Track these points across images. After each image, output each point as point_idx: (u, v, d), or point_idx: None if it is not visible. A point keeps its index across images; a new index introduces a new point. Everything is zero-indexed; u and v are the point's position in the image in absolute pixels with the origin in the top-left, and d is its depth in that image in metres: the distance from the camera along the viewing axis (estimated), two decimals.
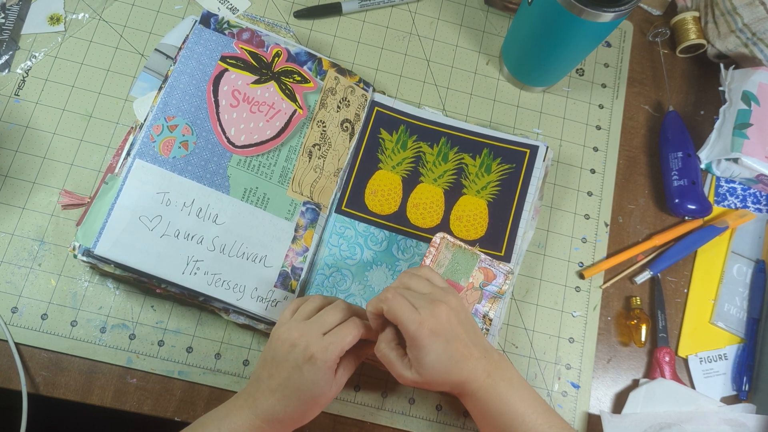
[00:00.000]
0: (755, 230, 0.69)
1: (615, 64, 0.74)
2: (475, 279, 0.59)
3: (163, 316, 0.60)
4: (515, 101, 0.71)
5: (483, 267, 0.60)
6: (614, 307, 0.66)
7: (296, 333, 0.49)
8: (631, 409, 0.61)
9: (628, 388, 0.63)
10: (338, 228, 0.63)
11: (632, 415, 0.60)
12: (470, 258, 0.60)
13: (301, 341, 0.48)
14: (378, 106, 0.67)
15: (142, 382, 0.58)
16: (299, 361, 0.48)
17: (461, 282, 0.59)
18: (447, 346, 0.48)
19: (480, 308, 0.59)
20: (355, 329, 0.50)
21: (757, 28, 0.66)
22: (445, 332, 0.48)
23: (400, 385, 0.61)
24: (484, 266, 0.60)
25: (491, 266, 0.60)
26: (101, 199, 0.56)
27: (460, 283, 0.59)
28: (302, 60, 0.64)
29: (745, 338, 0.65)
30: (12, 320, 0.58)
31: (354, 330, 0.50)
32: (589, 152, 0.70)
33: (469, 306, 0.59)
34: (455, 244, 0.59)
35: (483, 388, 0.48)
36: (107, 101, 0.64)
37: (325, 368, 0.48)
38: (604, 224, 0.68)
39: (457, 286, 0.59)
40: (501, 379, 0.49)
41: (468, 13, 0.74)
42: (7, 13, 0.65)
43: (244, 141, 0.60)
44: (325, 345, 0.48)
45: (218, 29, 0.61)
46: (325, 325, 0.50)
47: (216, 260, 0.56)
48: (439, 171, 0.65)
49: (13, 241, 0.60)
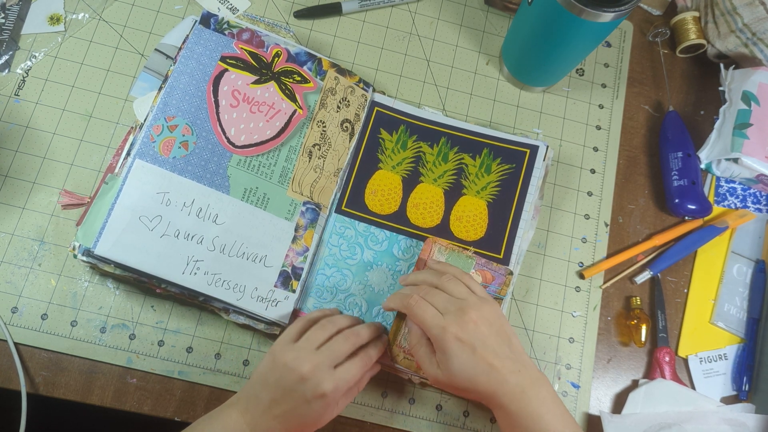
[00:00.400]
0: (755, 230, 0.69)
1: (615, 64, 0.74)
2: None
3: (163, 316, 0.60)
4: (515, 101, 0.71)
5: (480, 269, 0.60)
6: (614, 307, 0.66)
7: (307, 366, 0.49)
8: (631, 409, 0.61)
9: (628, 389, 0.63)
10: (338, 228, 0.63)
11: (632, 415, 0.60)
12: (465, 261, 0.60)
13: (313, 377, 0.48)
14: (378, 106, 0.67)
15: (142, 382, 0.58)
16: (308, 396, 0.48)
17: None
18: (473, 355, 0.47)
19: None
20: (365, 366, 0.51)
21: (757, 28, 0.66)
22: (471, 341, 0.48)
23: (400, 385, 0.61)
24: (481, 268, 0.60)
25: (488, 268, 0.60)
26: (101, 199, 0.56)
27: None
28: (302, 60, 0.64)
29: (745, 338, 0.65)
30: (12, 320, 0.58)
31: (364, 367, 0.51)
32: (589, 152, 0.70)
33: None
34: (448, 247, 0.59)
35: (514, 403, 0.47)
36: (107, 101, 0.64)
37: (334, 403, 0.49)
38: (604, 224, 0.68)
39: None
40: (535, 397, 0.47)
41: (468, 13, 0.74)
42: (7, 13, 0.65)
43: (244, 141, 0.60)
44: (335, 383, 0.49)
45: (218, 29, 0.61)
46: (336, 357, 0.50)
47: (216, 260, 0.56)
48: (439, 171, 0.65)
49: (13, 241, 0.60)
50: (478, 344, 0.48)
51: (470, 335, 0.48)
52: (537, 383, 0.48)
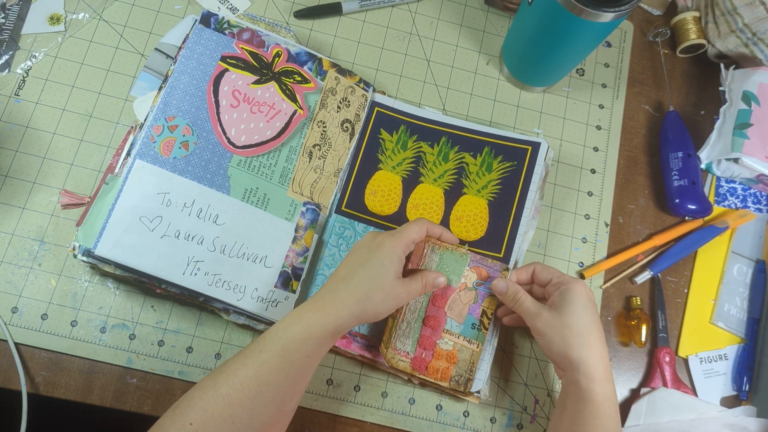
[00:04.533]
0: (755, 230, 0.69)
1: (615, 64, 0.74)
2: (467, 279, 0.59)
3: (163, 316, 0.59)
4: (515, 101, 0.71)
5: (474, 266, 0.60)
6: (614, 307, 0.66)
7: (371, 236, 0.54)
8: (634, 421, 0.61)
9: (629, 400, 0.63)
10: (338, 228, 0.63)
11: (634, 427, 0.60)
12: (459, 258, 0.59)
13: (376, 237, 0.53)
14: (378, 107, 0.67)
15: (142, 382, 0.58)
16: (371, 246, 0.53)
17: (453, 283, 0.59)
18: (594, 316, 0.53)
19: (477, 308, 0.59)
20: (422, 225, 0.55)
21: (758, 28, 0.66)
22: (593, 307, 0.54)
23: (400, 385, 0.61)
24: (476, 265, 0.60)
25: (483, 265, 0.60)
26: (102, 199, 0.56)
27: (452, 284, 0.59)
28: (302, 60, 0.64)
29: (746, 338, 0.65)
30: (12, 320, 0.58)
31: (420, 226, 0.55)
32: (589, 152, 0.70)
33: (464, 305, 0.59)
34: (441, 245, 0.59)
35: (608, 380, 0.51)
36: (107, 101, 0.64)
37: (391, 248, 0.52)
38: (604, 224, 0.68)
39: (448, 288, 0.59)
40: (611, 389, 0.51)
41: (468, 13, 0.74)
42: (7, 13, 0.65)
43: (244, 141, 0.60)
44: (391, 233, 0.53)
45: (218, 29, 0.61)
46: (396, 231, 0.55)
47: (216, 261, 0.56)
48: (440, 171, 0.65)
49: (13, 241, 0.60)
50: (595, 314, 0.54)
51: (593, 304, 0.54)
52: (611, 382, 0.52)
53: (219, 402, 0.45)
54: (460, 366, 0.58)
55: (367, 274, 0.51)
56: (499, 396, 0.61)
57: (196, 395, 0.46)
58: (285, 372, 0.47)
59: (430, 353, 0.58)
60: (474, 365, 0.58)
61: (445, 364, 0.58)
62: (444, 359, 0.58)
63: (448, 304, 0.59)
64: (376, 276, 0.51)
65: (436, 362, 0.58)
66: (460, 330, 0.59)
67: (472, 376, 0.58)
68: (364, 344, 0.59)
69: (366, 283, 0.50)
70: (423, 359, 0.58)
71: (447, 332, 0.58)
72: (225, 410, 0.45)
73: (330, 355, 0.61)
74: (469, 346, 0.58)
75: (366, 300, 0.50)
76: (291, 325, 0.49)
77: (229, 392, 0.45)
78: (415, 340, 0.58)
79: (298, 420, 0.58)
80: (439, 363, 0.58)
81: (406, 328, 0.58)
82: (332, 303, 0.50)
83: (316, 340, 0.48)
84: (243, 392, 0.46)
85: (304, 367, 0.48)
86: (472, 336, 0.58)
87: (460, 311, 0.59)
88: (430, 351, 0.58)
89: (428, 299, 0.59)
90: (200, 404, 0.45)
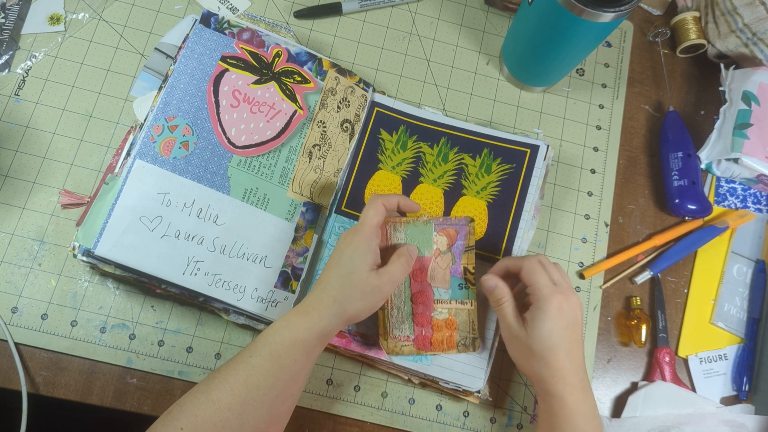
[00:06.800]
0: (755, 230, 0.69)
1: (615, 64, 0.74)
2: (438, 244, 0.59)
3: (163, 316, 0.60)
4: (515, 101, 0.71)
5: (441, 229, 0.59)
6: (614, 307, 0.66)
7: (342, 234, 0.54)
8: (631, 412, 0.61)
9: (628, 391, 0.63)
10: (338, 228, 0.63)
11: (631, 418, 0.60)
12: (423, 227, 0.59)
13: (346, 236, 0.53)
14: (378, 107, 0.67)
15: (142, 382, 0.58)
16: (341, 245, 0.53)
17: (426, 253, 0.59)
18: (565, 329, 0.51)
19: (457, 267, 0.59)
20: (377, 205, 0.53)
21: (758, 28, 0.66)
22: (567, 317, 0.51)
23: (400, 385, 0.61)
24: (442, 227, 0.59)
25: (448, 224, 0.59)
26: (101, 199, 0.56)
27: (425, 255, 0.59)
28: (302, 60, 0.64)
29: (745, 338, 0.65)
30: (12, 320, 0.58)
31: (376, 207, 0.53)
32: (589, 152, 0.70)
33: (445, 270, 0.59)
34: (401, 221, 0.58)
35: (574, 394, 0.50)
36: (107, 101, 0.64)
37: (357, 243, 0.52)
38: (604, 224, 0.68)
39: (423, 259, 0.59)
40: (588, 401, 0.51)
41: (468, 13, 0.74)
42: (7, 13, 0.65)
43: (244, 141, 0.60)
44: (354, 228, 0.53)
45: (218, 29, 0.61)
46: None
47: (216, 261, 0.56)
48: (439, 171, 0.65)
49: (13, 241, 0.60)
50: (570, 324, 0.51)
51: (570, 312, 0.51)
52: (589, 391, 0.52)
53: (209, 407, 0.45)
54: (461, 329, 0.58)
55: (340, 273, 0.51)
56: (499, 396, 0.61)
57: (188, 400, 0.46)
58: (275, 376, 0.47)
59: (429, 328, 0.58)
60: (474, 323, 0.58)
61: (447, 332, 0.58)
62: (444, 328, 0.58)
63: (429, 275, 0.59)
64: (347, 274, 0.51)
65: (437, 334, 0.58)
66: (450, 295, 0.58)
67: (477, 335, 0.58)
68: (363, 343, 0.59)
69: (340, 281, 0.51)
70: (425, 336, 0.58)
71: (438, 302, 0.58)
72: (215, 415, 0.45)
73: (330, 355, 0.61)
74: (463, 307, 0.58)
75: (343, 299, 0.50)
76: (279, 330, 0.49)
77: (220, 397, 0.46)
78: (411, 322, 0.58)
79: (297, 420, 0.58)
80: (441, 334, 0.58)
81: (398, 314, 0.58)
82: (315, 306, 0.50)
83: (303, 343, 0.49)
84: (233, 397, 0.46)
85: (294, 371, 0.48)
86: (463, 296, 0.58)
87: (443, 277, 0.59)
88: (429, 326, 0.58)
89: (409, 278, 0.59)
90: (191, 409, 0.45)
